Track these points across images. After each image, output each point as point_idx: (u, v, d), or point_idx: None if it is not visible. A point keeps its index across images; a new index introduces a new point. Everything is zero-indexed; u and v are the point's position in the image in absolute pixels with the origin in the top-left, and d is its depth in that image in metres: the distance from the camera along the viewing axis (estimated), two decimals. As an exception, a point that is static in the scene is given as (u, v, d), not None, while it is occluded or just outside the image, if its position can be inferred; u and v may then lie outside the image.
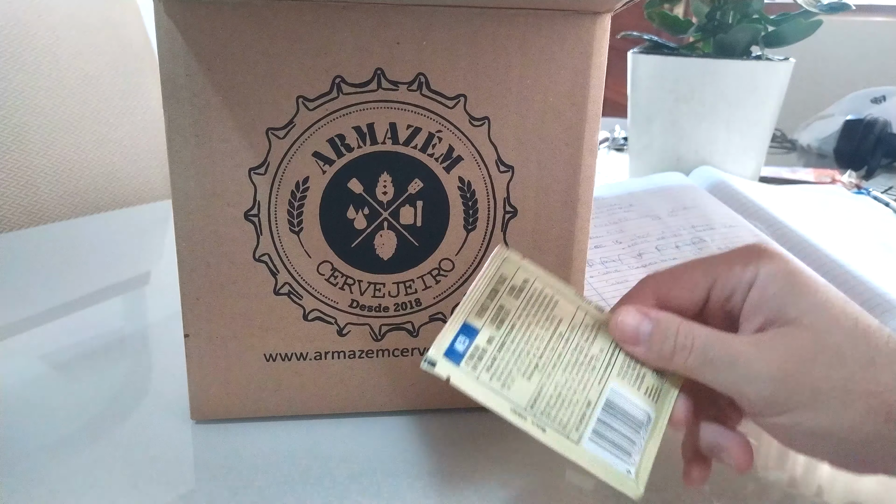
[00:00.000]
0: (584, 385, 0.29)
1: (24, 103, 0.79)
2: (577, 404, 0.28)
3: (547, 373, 0.29)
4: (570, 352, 0.30)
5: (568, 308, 0.31)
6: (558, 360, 0.29)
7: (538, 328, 0.30)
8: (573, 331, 0.30)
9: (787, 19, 0.78)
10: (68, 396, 0.40)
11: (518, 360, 0.28)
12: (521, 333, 0.29)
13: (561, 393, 0.28)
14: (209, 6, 0.31)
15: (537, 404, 0.28)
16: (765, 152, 0.83)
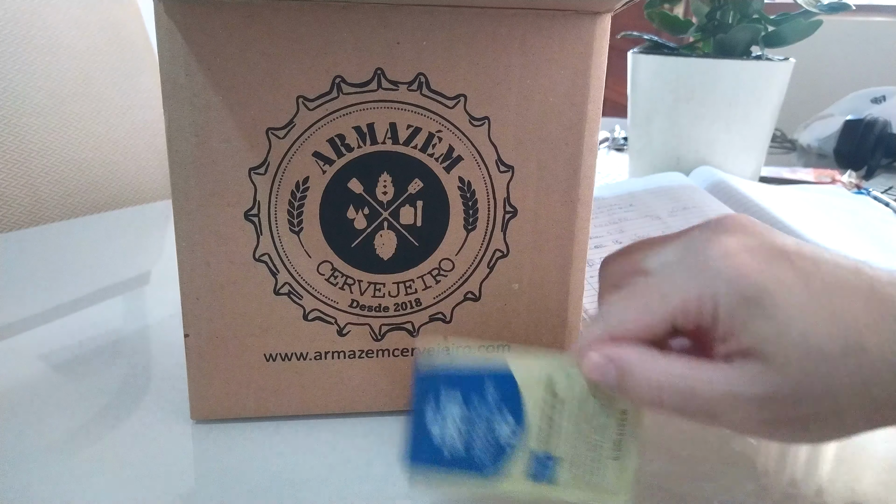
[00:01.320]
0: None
1: (24, 103, 0.79)
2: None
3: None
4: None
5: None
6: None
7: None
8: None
9: (787, 19, 0.78)
10: (68, 396, 0.40)
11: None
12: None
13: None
14: (209, 6, 0.31)
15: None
16: (765, 152, 0.83)
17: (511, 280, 0.37)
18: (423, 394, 0.29)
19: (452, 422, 0.29)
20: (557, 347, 0.38)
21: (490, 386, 0.29)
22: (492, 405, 0.29)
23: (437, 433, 0.29)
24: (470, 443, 0.29)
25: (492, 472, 0.29)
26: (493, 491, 0.29)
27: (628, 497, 0.29)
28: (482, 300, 0.37)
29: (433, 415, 0.29)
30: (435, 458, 0.29)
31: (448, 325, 0.37)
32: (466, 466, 0.29)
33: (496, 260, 0.36)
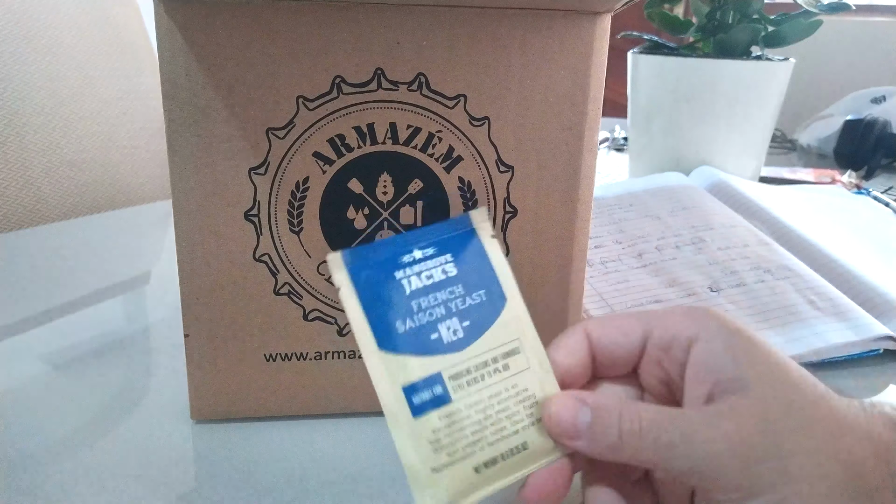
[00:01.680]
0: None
1: (24, 103, 0.79)
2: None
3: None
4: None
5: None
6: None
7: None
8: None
9: (787, 19, 0.78)
10: (68, 396, 0.40)
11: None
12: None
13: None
14: (209, 7, 0.31)
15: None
16: (765, 152, 0.83)
17: (511, 280, 0.37)
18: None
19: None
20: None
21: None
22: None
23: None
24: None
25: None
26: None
27: (425, 496, 0.25)
28: (482, 300, 0.37)
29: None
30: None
31: (448, 325, 0.37)
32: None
33: (496, 260, 0.36)
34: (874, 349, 0.45)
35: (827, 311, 0.47)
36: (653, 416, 0.24)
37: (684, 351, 0.26)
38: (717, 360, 0.25)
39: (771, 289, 0.50)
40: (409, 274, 0.27)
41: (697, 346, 0.26)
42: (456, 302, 0.27)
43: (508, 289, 0.28)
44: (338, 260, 0.27)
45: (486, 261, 0.28)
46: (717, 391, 0.25)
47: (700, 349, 0.25)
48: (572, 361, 0.27)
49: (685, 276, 0.52)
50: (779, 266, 0.52)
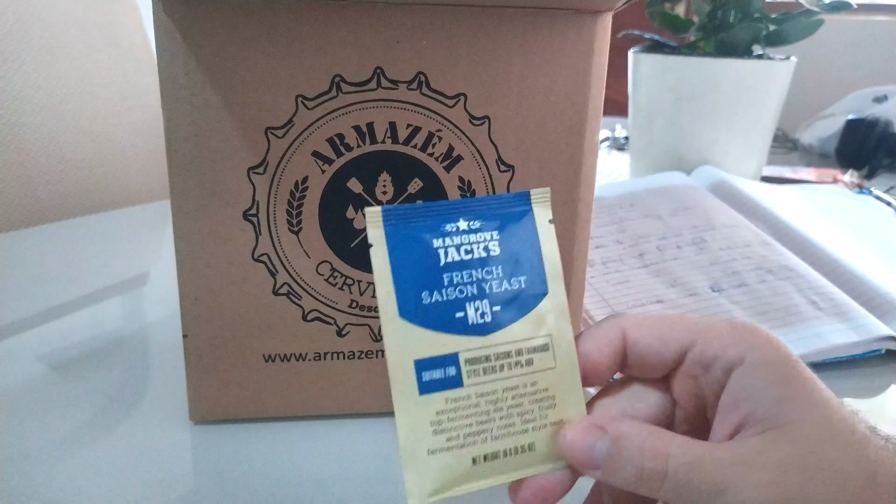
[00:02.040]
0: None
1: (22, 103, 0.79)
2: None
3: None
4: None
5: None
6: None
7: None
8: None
9: (788, 18, 0.78)
10: (67, 397, 0.39)
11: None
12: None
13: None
14: (208, 6, 0.30)
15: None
16: (766, 152, 0.83)
17: (511, 280, 0.37)
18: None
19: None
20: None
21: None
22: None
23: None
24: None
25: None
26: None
27: (433, 499, 0.24)
28: (482, 301, 0.37)
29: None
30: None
31: (448, 325, 0.37)
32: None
33: (496, 260, 0.36)
34: (876, 349, 0.45)
35: (829, 311, 0.47)
36: (682, 455, 0.23)
37: (725, 373, 0.24)
38: (758, 392, 0.23)
39: (773, 289, 0.50)
40: (448, 244, 0.25)
41: (740, 370, 0.24)
42: (492, 283, 0.25)
43: (553, 281, 0.26)
44: (377, 215, 0.25)
45: (535, 246, 0.26)
46: (751, 422, 0.23)
47: (742, 375, 0.24)
48: (601, 357, 0.26)
49: (686, 276, 0.52)
50: (780, 266, 0.52)
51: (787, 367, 0.24)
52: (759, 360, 0.24)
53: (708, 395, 0.25)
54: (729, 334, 0.25)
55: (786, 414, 0.23)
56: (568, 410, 0.25)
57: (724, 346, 0.24)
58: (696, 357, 0.25)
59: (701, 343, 0.25)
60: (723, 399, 0.24)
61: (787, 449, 0.22)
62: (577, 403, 0.26)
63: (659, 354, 0.25)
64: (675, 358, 0.25)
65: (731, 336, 0.25)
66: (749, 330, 0.25)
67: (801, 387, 0.23)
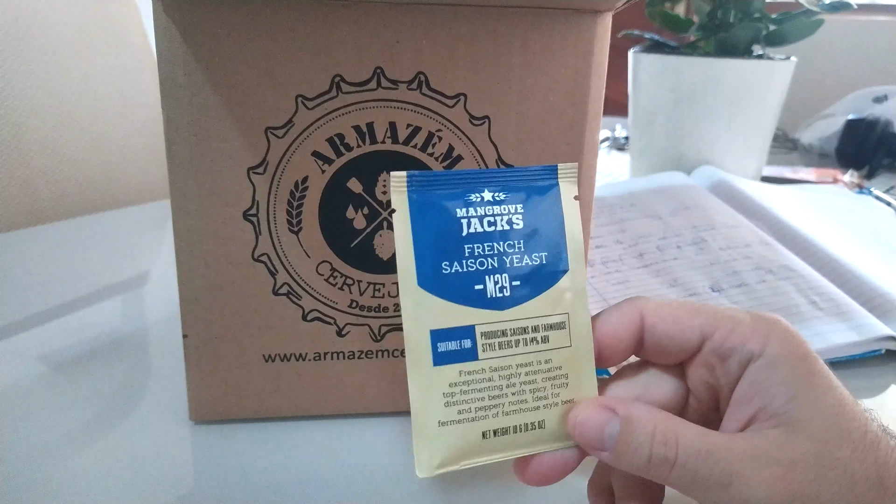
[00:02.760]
0: None
1: (22, 103, 0.79)
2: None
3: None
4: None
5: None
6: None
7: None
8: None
9: (788, 18, 0.78)
10: (67, 397, 0.39)
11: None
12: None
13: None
14: (208, 5, 0.30)
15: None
16: (766, 152, 0.83)
17: (511, 280, 0.37)
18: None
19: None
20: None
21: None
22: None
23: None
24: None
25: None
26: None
27: (441, 471, 0.24)
28: (482, 301, 0.37)
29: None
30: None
31: (448, 325, 0.37)
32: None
33: (496, 260, 0.36)
34: (876, 349, 0.45)
35: (829, 311, 0.47)
36: (693, 444, 0.23)
37: (742, 365, 0.24)
38: (774, 387, 0.23)
39: (773, 289, 0.50)
40: (472, 214, 0.25)
41: (757, 364, 0.24)
42: (513, 257, 0.25)
43: (573, 259, 0.25)
44: (402, 180, 0.24)
45: (559, 221, 0.25)
46: (763, 416, 0.23)
47: (759, 368, 0.24)
48: (616, 340, 0.25)
49: (687, 276, 0.52)
50: (781, 266, 0.52)
51: (804, 363, 0.24)
52: (778, 354, 0.24)
53: (723, 385, 0.25)
54: (749, 325, 0.24)
55: (799, 411, 0.23)
56: (580, 390, 0.25)
57: (744, 337, 0.24)
58: (714, 347, 0.25)
59: (720, 333, 0.25)
60: (737, 391, 0.24)
61: (799, 446, 0.22)
62: (589, 384, 0.25)
63: (676, 341, 0.25)
64: (692, 346, 0.25)
65: (751, 327, 0.24)
66: (770, 322, 0.25)
67: (817, 385, 0.23)
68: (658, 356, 0.26)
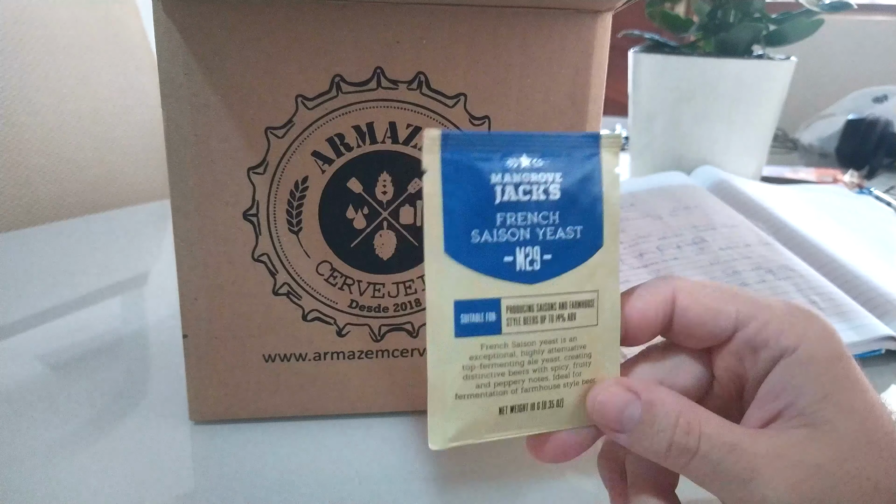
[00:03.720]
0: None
1: (21, 102, 0.79)
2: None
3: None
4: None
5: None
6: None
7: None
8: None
9: (788, 18, 0.78)
10: (66, 397, 0.39)
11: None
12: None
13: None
14: (208, 5, 0.30)
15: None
16: (766, 152, 0.83)
17: (511, 280, 0.36)
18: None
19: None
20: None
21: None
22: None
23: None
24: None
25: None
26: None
27: (455, 444, 0.24)
28: (482, 301, 0.37)
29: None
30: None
31: (448, 325, 0.37)
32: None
33: (496, 260, 0.36)
34: (876, 349, 0.45)
35: (829, 311, 0.47)
36: (716, 436, 0.22)
37: (773, 360, 0.23)
38: (803, 386, 0.23)
39: (773, 289, 0.50)
40: (507, 181, 0.23)
41: (789, 360, 0.23)
42: (546, 230, 0.24)
43: (609, 235, 0.24)
44: (435, 140, 0.23)
45: (598, 195, 0.24)
46: (789, 414, 0.23)
47: (790, 365, 0.23)
48: (645, 321, 0.24)
49: (687, 275, 0.52)
50: (781, 266, 0.52)
51: (837, 364, 0.23)
52: (811, 352, 0.23)
53: (750, 377, 0.24)
54: (786, 319, 0.23)
55: (827, 413, 0.22)
56: (602, 370, 0.25)
57: (779, 331, 0.23)
58: (747, 337, 0.24)
59: (755, 323, 0.24)
60: (765, 385, 0.23)
61: (824, 450, 0.22)
62: (612, 364, 0.25)
63: (708, 327, 0.24)
64: (725, 333, 0.24)
65: (788, 321, 0.23)
66: (807, 317, 0.24)
67: (848, 388, 0.23)
68: (687, 340, 0.25)
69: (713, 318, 0.24)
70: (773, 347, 0.23)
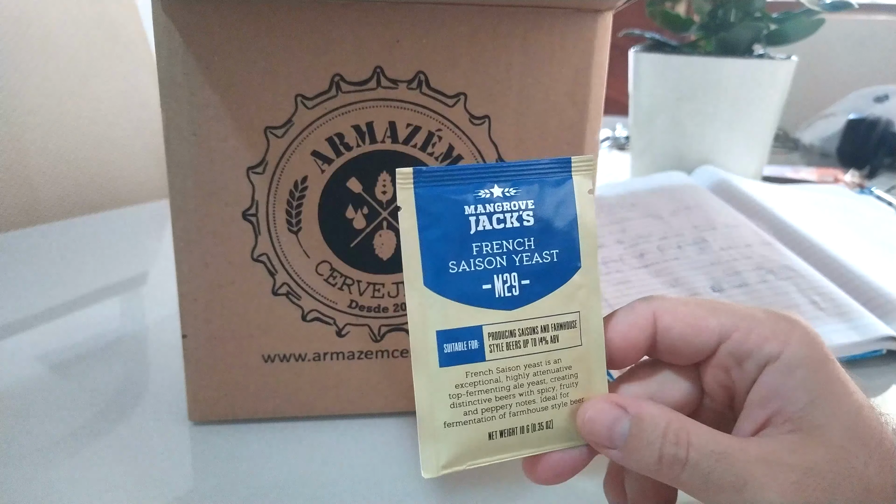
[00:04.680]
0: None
1: (21, 102, 0.79)
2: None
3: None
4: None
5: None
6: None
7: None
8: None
9: (789, 17, 0.77)
10: (66, 397, 0.39)
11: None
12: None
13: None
14: (207, 4, 0.30)
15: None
16: (767, 151, 0.83)
17: (512, 280, 0.36)
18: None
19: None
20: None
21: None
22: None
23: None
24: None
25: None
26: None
27: (447, 471, 0.24)
28: (482, 301, 0.37)
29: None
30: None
31: (448, 325, 0.37)
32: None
33: (497, 260, 0.36)
34: (877, 350, 0.45)
35: (830, 311, 0.47)
36: (705, 445, 0.22)
37: (759, 368, 0.24)
38: (791, 392, 0.23)
39: (774, 289, 0.50)
40: (480, 212, 0.24)
41: (774, 366, 0.23)
42: (522, 256, 0.24)
43: (587, 255, 0.25)
44: (408, 177, 0.24)
45: (572, 217, 0.25)
46: (778, 420, 0.23)
47: (776, 372, 0.23)
48: (628, 343, 0.25)
49: (687, 276, 0.52)
50: (781, 266, 0.52)
51: (823, 368, 0.23)
52: (796, 358, 0.23)
53: (739, 387, 0.24)
54: (769, 326, 0.24)
55: (816, 417, 0.22)
56: (590, 389, 0.25)
57: (762, 339, 0.24)
58: (731, 349, 0.24)
59: (738, 334, 0.24)
60: (753, 393, 0.24)
61: (815, 453, 0.22)
62: (600, 383, 0.25)
63: (692, 344, 0.24)
64: (709, 348, 0.24)
65: (770, 329, 0.24)
66: (790, 322, 0.24)
67: (835, 391, 0.23)
68: (672, 357, 0.26)
69: (696, 335, 0.24)
70: (757, 356, 0.24)
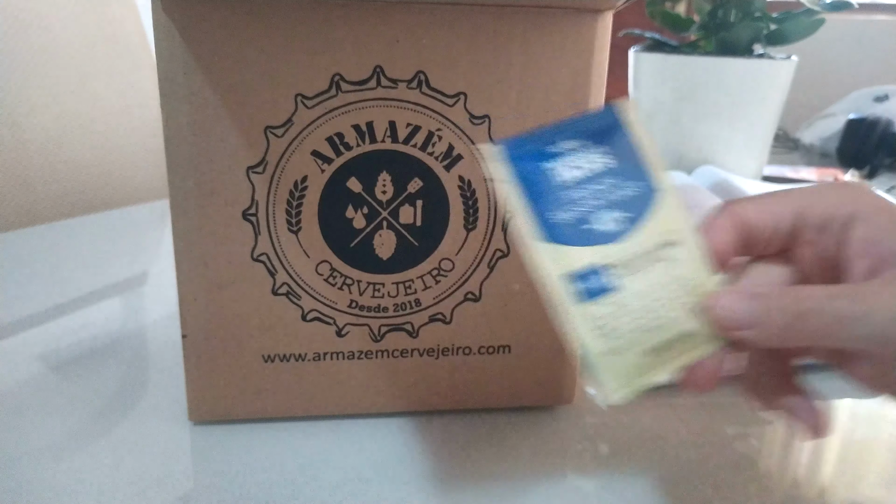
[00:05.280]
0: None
1: (20, 102, 0.79)
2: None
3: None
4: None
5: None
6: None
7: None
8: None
9: (789, 17, 0.77)
10: (65, 397, 0.39)
11: None
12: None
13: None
14: (207, 4, 0.30)
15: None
16: (767, 151, 0.83)
17: (512, 280, 0.36)
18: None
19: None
20: (559, 349, 0.38)
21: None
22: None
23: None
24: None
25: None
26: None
27: (620, 395, 0.26)
28: (482, 300, 0.37)
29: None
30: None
31: (448, 325, 0.37)
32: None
33: (497, 260, 0.36)
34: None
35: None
36: (826, 294, 0.24)
37: (842, 229, 0.26)
38: (883, 236, 0.25)
39: (773, 289, 0.49)
40: (559, 165, 0.27)
41: (858, 223, 0.25)
42: (609, 193, 0.27)
43: (661, 178, 0.28)
44: (496, 152, 0.26)
45: (635, 151, 0.28)
46: (883, 266, 0.25)
47: (861, 226, 0.25)
48: (724, 245, 0.27)
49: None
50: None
51: (894, 211, 0.25)
52: (873, 211, 0.25)
53: (831, 253, 0.26)
54: (835, 195, 0.26)
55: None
56: (710, 291, 0.27)
57: (832, 206, 0.26)
58: (809, 224, 0.26)
59: (810, 210, 0.26)
60: (849, 251, 0.26)
61: None
62: (717, 283, 0.27)
63: (773, 230, 0.27)
64: (789, 229, 0.27)
65: (837, 197, 0.26)
66: (855, 189, 0.26)
67: None
68: (763, 248, 0.28)
69: (774, 220, 0.27)
70: (836, 220, 0.26)
